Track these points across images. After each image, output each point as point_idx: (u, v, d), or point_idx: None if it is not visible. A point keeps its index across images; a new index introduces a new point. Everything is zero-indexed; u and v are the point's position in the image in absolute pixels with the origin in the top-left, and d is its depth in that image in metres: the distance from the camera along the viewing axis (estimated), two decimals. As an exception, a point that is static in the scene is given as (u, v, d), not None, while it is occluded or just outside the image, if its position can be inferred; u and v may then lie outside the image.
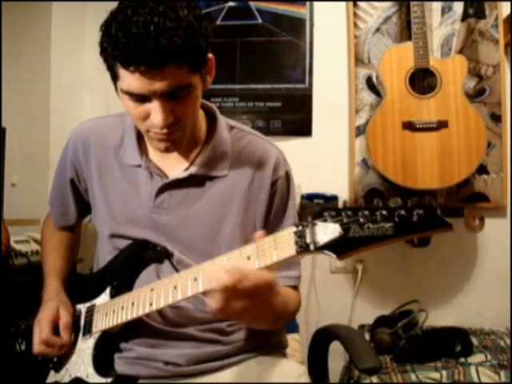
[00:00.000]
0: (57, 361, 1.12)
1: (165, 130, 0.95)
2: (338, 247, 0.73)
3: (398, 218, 0.70)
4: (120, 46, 0.85)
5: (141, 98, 0.92)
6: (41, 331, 1.07)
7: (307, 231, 0.75)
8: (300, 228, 0.76)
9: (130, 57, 0.85)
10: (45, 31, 2.19)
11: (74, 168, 1.18)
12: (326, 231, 0.73)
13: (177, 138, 0.99)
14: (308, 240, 0.75)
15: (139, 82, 0.88)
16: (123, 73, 0.89)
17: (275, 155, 1.11)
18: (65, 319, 1.09)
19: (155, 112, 0.92)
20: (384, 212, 0.71)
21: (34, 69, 2.13)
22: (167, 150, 1.00)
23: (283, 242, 0.79)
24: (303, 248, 0.76)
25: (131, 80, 0.88)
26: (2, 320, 1.42)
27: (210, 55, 0.99)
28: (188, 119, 0.98)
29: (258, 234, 0.83)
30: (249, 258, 0.82)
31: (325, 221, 0.74)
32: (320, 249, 0.74)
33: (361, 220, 0.72)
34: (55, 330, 1.09)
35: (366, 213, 0.72)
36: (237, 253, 0.85)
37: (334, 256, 0.73)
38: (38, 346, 1.07)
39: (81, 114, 2.36)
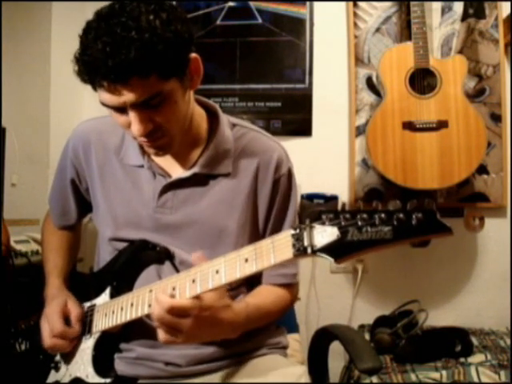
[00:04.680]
0: (58, 360, 1.13)
1: (145, 139, 0.95)
2: (335, 251, 0.72)
3: (396, 221, 0.69)
4: (81, 64, 0.87)
5: (118, 109, 0.92)
6: (52, 325, 1.07)
7: (305, 234, 0.75)
8: (298, 231, 0.76)
9: (91, 74, 0.87)
10: (45, 31, 2.19)
11: (74, 168, 1.17)
12: (324, 234, 0.72)
13: (163, 144, 0.98)
14: (305, 243, 0.74)
15: (108, 96, 0.89)
16: (97, 87, 0.90)
17: (278, 152, 1.11)
18: (76, 311, 1.10)
19: (132, 122, 0.92)
20: (383, 215, 0.70)
21: (34, 69, 2.13)
22: (156, 155, 1.02)
23: (280, 244, 0.78)
24: (300, 251, 0.75)
25: (102, 94, 0.90)
26: (2, 320, 1.42)
27: (193, 55, 0.96)
28: (171, 125, 0.96)
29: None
30: (246, 260, 0.82)
31: (323, 224, 0.73)
32: (317, 252, 0.73)
33: (359, 223, 0.70)
34: (65, 323, 1.09)
35: (365, 216, 0.70)
36: (234, 255, 0.85)
37: (332, 260, 0.72)
38: (49, 340, 1.07)
39: (81, 114, 2.36)
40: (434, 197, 2.22)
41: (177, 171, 1.08)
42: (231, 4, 2.36)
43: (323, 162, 2.33)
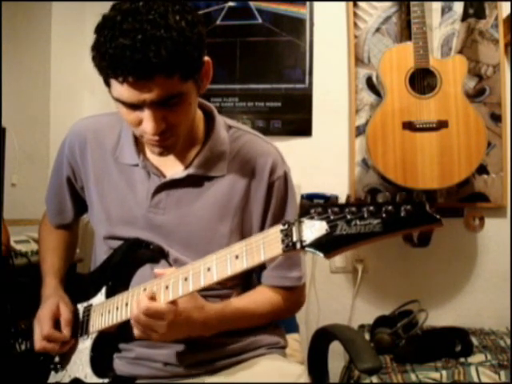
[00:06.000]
0: (57, 361, 1.12)
1: (157, 137, 0.95)
2: (324, 245, 0.71)
3: (385, 214, 0.68)
4: (107, 57, 0.85)
5: (132, 106, 0.92)
6: (42, 327, 1.07)
7: (294, 229, 0.74)
8: (286, 226, 0.75)
9: (117, 68, 0.85)
10: (45, 31, 2.19)
11: (70, 166, 1.17)
12: (313, 229, 0.72)
13: (170, 144, 0.99)
14: (294, 238, 0.74)
15: (128, 91, 0.88)
16: (113, 81, 0.89)
17: (273, 155, 1.10)
18: (65, 315, 1.09)
19: (146, 120, 0.92)
20: (371, 208, 0.69)
21: (34, 69, 2.13)
22: (161, 155, 1.01)
23: (270, 240, 0.78)
24: (289, 247, 0.74)
25: (121, 89, 0.89)
26: (2, 320, 1.42)
27: (206, 58, 0.98)
28: (181, 126, 0.97)
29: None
30: (237, 257, 0.82)
31: (311, 218, 0.72)
32: (306, 247, 0.73)
33: (348, 217, 0.69)
34: (56, 325, 1.09)
35: (353, 209, 0.70)
36: (225, 252, 0.85)
37: (321, 255, 0.71)
38: (39, 343, 1.07)
39: (81, 114, 2.35)
40: (434, 197, 2.22)
41: (171, 171, 1.08)
42: (231, 4, 2.36)
43: (323, 162, 2.32)
